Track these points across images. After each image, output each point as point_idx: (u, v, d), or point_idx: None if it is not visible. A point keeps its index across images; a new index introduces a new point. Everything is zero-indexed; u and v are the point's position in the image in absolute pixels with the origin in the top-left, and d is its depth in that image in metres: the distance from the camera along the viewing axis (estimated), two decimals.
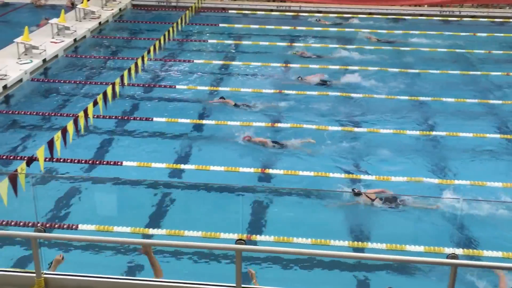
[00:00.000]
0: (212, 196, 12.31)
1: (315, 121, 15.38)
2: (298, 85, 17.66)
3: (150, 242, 10.22)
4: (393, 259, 6.93)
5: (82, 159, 13.14)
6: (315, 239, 10.62)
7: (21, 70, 17.51)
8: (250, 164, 13.20)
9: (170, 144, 14.23)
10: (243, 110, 15.91)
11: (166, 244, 8.36)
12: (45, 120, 15.30)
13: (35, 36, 19.62)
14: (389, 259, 7.03)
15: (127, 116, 15.56)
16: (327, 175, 12.75)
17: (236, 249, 6.09)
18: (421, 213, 11.62)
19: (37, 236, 6.43)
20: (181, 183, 12.66)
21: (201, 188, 12.30)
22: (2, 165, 13.00)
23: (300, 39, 22.50)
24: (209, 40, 22.21)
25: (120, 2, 25.85)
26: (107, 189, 12.59)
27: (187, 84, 17.69)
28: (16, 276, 6.55)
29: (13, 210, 10.55)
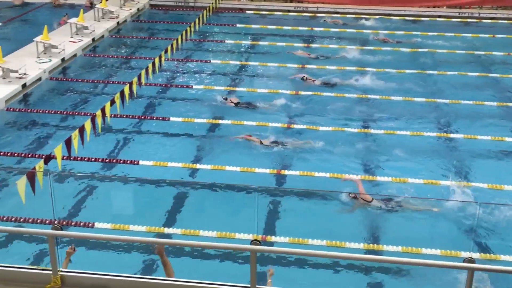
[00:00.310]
0: (228, 196, 12.32)
1: (330, 122, 15.34)
2: (314, 86, 17.63)
3: (166, 242, 10.25)
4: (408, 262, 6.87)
5: (99, 157, 13.22)
6: (330, 240, 10.58)
7: (40, 69, 17.68)
8: (266, 165, 13.19)
9: (186, 144, 14.27)
10: (257, 110, 15.92)
11: (181, 243, 8.40)
12: (63, 119, 15.43)
13: (54, 35, 19.79)
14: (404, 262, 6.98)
15: (144, 116, 15.63)
16: (342, 176, 12.70)
17: (251, 249, 6.09)
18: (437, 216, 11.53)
19: (54, 233, 6.50)
20: (196, 183, 12.68)
21: (217, 188, 12.32)
22: (20, 163, 13.13)
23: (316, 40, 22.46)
24: (226, 40, 22.24)
25: (138, 2, 26.00)
26: (123, 188, 12.66)
27: (203, 84, 17.72)
28: (33, 273, 6.60)
29: (30, 207, 10.64)
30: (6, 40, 21.14)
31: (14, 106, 15.88)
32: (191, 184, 12.67)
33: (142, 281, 6.55)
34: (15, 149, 13.57)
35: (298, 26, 24.11)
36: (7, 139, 14.14)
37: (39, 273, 6.57)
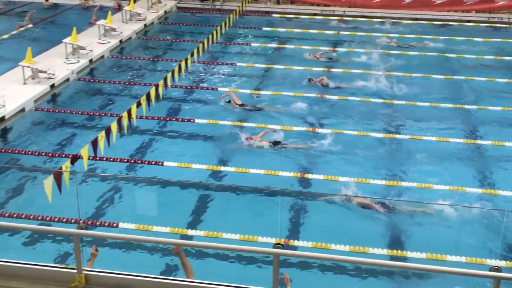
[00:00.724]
0: (251, 199, 12.32)
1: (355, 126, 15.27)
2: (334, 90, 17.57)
3: (188, 243, 10.31)
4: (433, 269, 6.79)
5: (124, 158, 13.34)
6: (354, 246, 10.51)
7: (68, 69, 17.92)
8: (290, 168, 13.17)
9: (211, 146, 14.31)
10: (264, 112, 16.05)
11: (204, 245, 8.41)
12: (89, 119, 15.61)
13: (82, 37, 20.05)
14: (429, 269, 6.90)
15: (169, 117, 15.73)
16: (367, 181, 12.62)
17: (274, 253, 6.08)
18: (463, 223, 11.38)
19: (79, 233, 6.56)
20: (220, 185, 12.71)
21: (241, 190, 12.33)
22: (47, 162, 13.31)
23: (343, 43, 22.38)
24: (252, 43, 22.28)
25: (165, 5, 26.20)
26: (147, 189, 12.75)
27: (229, 87, 17.77)
28: (58, 271, 6.68)
29: (56, 206, 10.78)
30: (36, 41, 21.52)
31: (43, 106, 16.12)
32: (215, 186, 12.71)
33: (164, 282, 6.58)
34: (42, 148, 13.77)
35: (324, 29, 24.03)
36: (35, 139, 14.35)
37: (64, 272, 6.64)
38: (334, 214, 11.71)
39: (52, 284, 6.57)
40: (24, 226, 8.96)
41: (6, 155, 13.57)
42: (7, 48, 20.86)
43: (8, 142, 14.32)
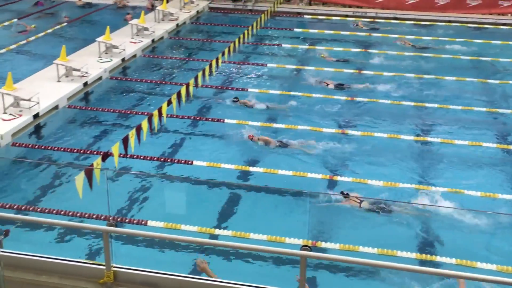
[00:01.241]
0: (280, 199, 12.31)
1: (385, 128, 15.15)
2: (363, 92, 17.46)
3: (215, 243, 10.34)
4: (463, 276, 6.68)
5: (154, 156, 13.46)
6: (382, 249, 10.43)
7: (101, 68, 18.16)
8: (318, 169, 13.12)
9: (240, 146, 14.34)
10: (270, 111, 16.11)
11: (231, 246, 8.43)
12: (121, 117, 15.79)
13: (115, 36, 20.28)
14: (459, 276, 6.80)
15: (199, 117, 15.81)
16: (396, 185, 12.51)
17: (301, 255, 6.07)
18: (494, 230, 11.19)
19: (108, 230, 6.64)
20: (249, 186, 12.73)
21: (269, 191, 12.32)
22: (79, 159, 13.51)
23: (375, 45, 22.21)
24: (283, 44, 22.26)
25: (197, 5, 26.36)
26: (176, 188, 12.84)
27: (259, 88, 17.78)
28: (87, 267, 6.77)
29: (87, 203, 10.92)
30: (70, 40, 21.85)
31: (76, 103, 16.36)
32: (244, 187, 12.73)
33: (191, 281, 6.62)
34: (75, 145, 13.97)
35: (355, 31, 23.89)
36: (67, 136, 14.57)
37: (93, 268, 6.74)
38: (363, 216, 11.63)
39: (81, 279, 6.67)
40: (55, 222, 9.10)
41: (39, 151, 13.82)
42: (43, 46, 21.24)
43: (42, 139, 14.57)
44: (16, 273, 6.70)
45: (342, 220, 11.68)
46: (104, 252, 6.55)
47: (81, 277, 6.69)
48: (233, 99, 16.48)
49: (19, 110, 14.79)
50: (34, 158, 13.63)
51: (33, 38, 21.89)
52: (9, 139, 13.82)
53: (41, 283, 6.66)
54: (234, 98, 16.51)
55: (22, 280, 6.66)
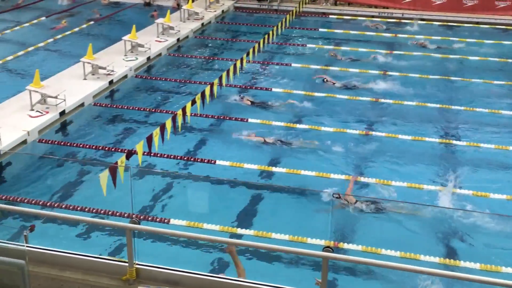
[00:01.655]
0: (302, 200, 12.29)
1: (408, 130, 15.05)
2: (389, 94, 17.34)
3: (237, 242, 10.35)
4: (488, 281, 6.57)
5: (177, 155, 13.53)
6: (405, 252, 10.34)
7: (126, 66, 18.32)
8: (341, 170, 13.07)
9: (263, 146, 14.34)
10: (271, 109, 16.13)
11: (253, 245, 8.44)
12: (145, 116, 15.90)
13: (141, 34, 20.44)
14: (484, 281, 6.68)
15: (223, 116, 15.85)
16: (420, 187, 12.40)
17: (323, 256, 6.05)
18: None
19: (131, 227, 6.70)
20: (271, 186, 12.73)
21: (292, 191, 12.31)
22: (104, 156, 13.64)
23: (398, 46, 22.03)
24: (308, 44, 22.19)
25: (223, 5, 26.42)
26: (199, 187, 12.89)
27: (283, 87, 17.76)
28: (110, 264, 6.84)
29: (110, 200, 11.02)
30: (97, 38, 22.08)
31: (101, 101, 16.53)
32: (266, 186, 12.73)
33: (213, 280, 6.65)
34: (99, 142, 14.12)
35: (381, 32, 23.72)
36: (93, 133, 14.73)
37: (116, 265, 6.80)
38: (387, 218, 11.56)
39: (104, 276, 6.74)
40: (79, 218, 9.21)
41: (65, 148, 14.00)
42: (70, 44, 21.50)
43: (67, 136, 14.75)
44: (41, 268, 6.79)
45: (365, 221, 11.60)
46: (127, 249, 6.61)
47: (104, 274, 6.76)
48: (240, 96, 16.70)
49: (46, 107, 15.00)
50: (60, 155, 13.82)
51: (60, 36, 22.17)
52: (36, 136, 14.02)
53: (65, 278, 6.74)
54: (240, 96, 16.73)
55: (46, 275, 6.75)
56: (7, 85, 17.22)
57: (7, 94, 15.96)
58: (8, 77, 18.32)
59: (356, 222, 11.51)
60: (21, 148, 13.51)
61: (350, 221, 11.50)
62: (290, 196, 12.36)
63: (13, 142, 13.33)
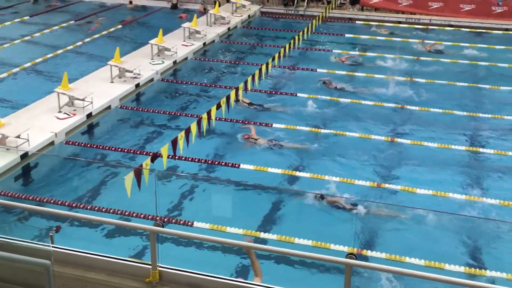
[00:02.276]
0: (326, 206, 12.23)
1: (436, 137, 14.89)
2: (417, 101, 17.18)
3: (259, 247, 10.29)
4: None
5: (202, 158, 13.59)
6: (429, 261, 10.22)
7: (153, 70, 18.47)
8: (366, 176, 12.99)
9: (288, 151, 14.32)
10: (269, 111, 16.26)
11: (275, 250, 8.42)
12: (171, 119, 16.01)
13: (168, 38, 20.60)
14: None
15: (247, 120, 15.87)
16: (446, 195, 12.26)
17: (346, 263, 6.01)
18: None
19: (155, 230, 6.73)
20: (295, 191, 12.70)
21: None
22: (129, 158, 13.76)
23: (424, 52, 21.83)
24: (333, 50, 22.12)
25: (249, 9, 26.49)
26: (223, 190, 12.92)
27: (308, 93, 17.73)
28: (133, 266, 6.88)
29: (135, 202, 11.12)
30: (124, 41, 22.33)
31: (127, 104, 16.69)
32: (290, 191, 12.71)
33: (235, 284, 6.64)
34: (125, 145, 14.25)
35: (408, 38, 23.54)
36: (118, 136, 14.88)
37: (139, 267, 6.84)
38: (411, 226, 11.45)
39: (127, 278, 6.78)
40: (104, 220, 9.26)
41: (91, 150, 14.17)
42: (98, 47, 21.77)
43: (94, 138, 14.92)
44: (66, 269, 6.86)
45: (390, 228, 11.51)
46: (151, 251, 6.64)
47: (127, 276, 6.80)
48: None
49: (73, 109, 15.20)
50: (86, 157, 13.97)
51: (89, 40, 22.46)
52: (63, 137, 14.21)
53: (89, 279, 6.80)
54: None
55: (71, 276, 6.82)
56: (36, 87, 17.51)
57: (36, 95, 16.22)
58: (37, 79, 18.62)
59: (379, 229, 11.42)
60: (49, 150, 13.71)
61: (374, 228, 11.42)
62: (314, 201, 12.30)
63: (40, 144, 13.54)
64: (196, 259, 10.37)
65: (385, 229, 11.47)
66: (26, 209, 9.84)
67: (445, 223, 11.45)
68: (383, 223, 11.61)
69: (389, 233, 11.39)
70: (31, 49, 21.37)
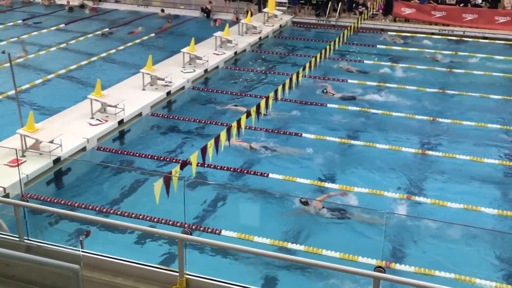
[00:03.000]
0: (355, 218, 12.13)
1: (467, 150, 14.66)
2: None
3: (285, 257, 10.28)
4: None
5: (231, 167, 13.61)
6: (459, 275, 10.04)
7: (184, 78, 18.63)
8: (395, 189, 12.86)
9: (317, 161, 14.26)
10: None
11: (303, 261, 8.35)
12: (200, 127, 16.09)
13: (200, 47, 20.77)
14: None
15: (277, 130, 15.87)
16: (478, 209, 12.05)
17: (374, 276, 5.95)
18: None
19: (183, 237, 6.76)
20: (324, 202, 12.62)
21: (344, 208, 12.17)
22: (158, 166, 13.87)
23: (458, 64, 21.57)
24: (365, 60, 22.02)
25: (281, 19, 26.57)
26: (251, 199, 12.91)
27: (338, 104, 17.65)
28: (161, 273, 6.92)
29: (163, 209, 11.16)
30: (157, 50, 22.60)
31: (158, 112, 16.85)
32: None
33: None
34: (155, 152, 14.36)
35: (441, 49, 23.30)
36: (149, 142, 15.01)
37: (167, 274, 6.88)
38: (441, 239, 11.27)
39: (155, 284, 6.83)
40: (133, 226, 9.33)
41: (122, 156, 14.32)
42: (131, 55, 22.08)
43: (125, 144, 15.09)
44: (94, 273, 6.94)
45: (419, 241, 11.35)
46: (178, 259, 6.67)
47: (154, 282, 6.84)
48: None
49: (105, 115, 15.41)
50: (117, 163, 14.13)
51: (122, 47, 22.78)
52: (95, 143, 14.40)
53: (117, 284, 6.86)
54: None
55: (99, 281, 6.89)
56: (70, 93, 17.82)
57: (69, 102, 16.50)
58: (71, 85, 18.95)
59: (408, 242, 11.27)
60: (80, 155, 13.91)
61: (403, 241, 11.27)
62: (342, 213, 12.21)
63: (73, 149, 13.75)
64: (225, 267, 10.36)
65: (414, 242, 11.30)
66: (57, 213, 9.97)
67: (477, 237, 11.24)
68: (413, 236, 11.45)
69: (418, 246, 11.22)
70: (66, 56, 21.77)
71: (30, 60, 21.08)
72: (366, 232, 11.39)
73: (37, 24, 26.44)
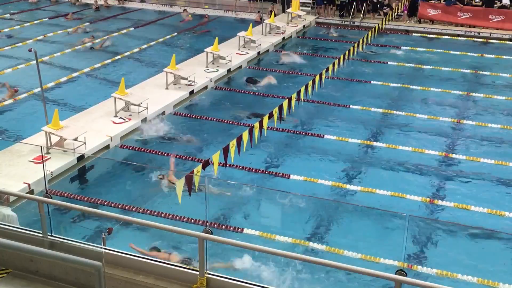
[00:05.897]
0: (377, 219, 12.04)
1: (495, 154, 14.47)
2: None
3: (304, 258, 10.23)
4: None
5: (252, 167, 13.61)
6: (482, 279, 9.91)
7: (207, 78, 18.68)
8: (418, 191, 12.74)
9: (338, 163, 14.20)
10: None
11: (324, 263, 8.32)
12: (222, 127, 16.11)
13: (223, 47, 20.81)
14: None
15: (299, 131, 15.83)
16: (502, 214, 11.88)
17: (396, 280, 5.90)
18: None
19: (204, 236, 6.78)
20: (346, 203, 12.56)
21: (366, 210, 12.09)
22: (181, 165, 13.92)
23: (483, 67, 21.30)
24: (389, 62, 21.86)
25: (305, 20, 26.50)
26: (272, 199, 12.89)
27: (362, 105, 17.55)
28: (182, 271, 6.94)
29: (185, 208, 11.21)
30: (181, 49, 22.71)
31: (181, 111, 16.93)
32: (340, 204, 12.57)
33: None
34: (177, 151, 14.42)
35: (467, 51, 23.03)
36: (172, 142, 15.08)
37: (187, 272, 6.90)
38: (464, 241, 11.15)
39: (175, 283, 6.85)
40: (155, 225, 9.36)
41: (144, 155, 14.40)
42: (155, 54, 22.23)
43: (147, 143, 15.17)
44: (116, 270, 6.99)
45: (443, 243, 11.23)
46: (199, 258, 6.68)
47: (175, 281, 6.87)
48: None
49: (129, 114, 15.52)
50: (139, 162, 14.21)
51: (146, 46, 22.93)
52: (118, 141, 14.52)
53: (138, 282, 6.90)
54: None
55: (120, 278, 6.94)
56: (94, 92, 17.98)
57: (93, 100, 16.66)
58: (96, 83, 19.13)
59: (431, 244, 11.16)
60: (104, 153, 14.03)
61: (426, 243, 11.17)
62: (365, 214, 12.15)
63: (96, 147, 13.88)
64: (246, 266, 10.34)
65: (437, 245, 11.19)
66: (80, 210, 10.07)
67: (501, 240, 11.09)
68: (435, 239, 11.34)
69: (441, 249, 11.11)
70: (91, 54, 21.98)
71: (55, 58, 21.33)
72: (388, 234, 11.30)
73: (62, 22, 26.77)
